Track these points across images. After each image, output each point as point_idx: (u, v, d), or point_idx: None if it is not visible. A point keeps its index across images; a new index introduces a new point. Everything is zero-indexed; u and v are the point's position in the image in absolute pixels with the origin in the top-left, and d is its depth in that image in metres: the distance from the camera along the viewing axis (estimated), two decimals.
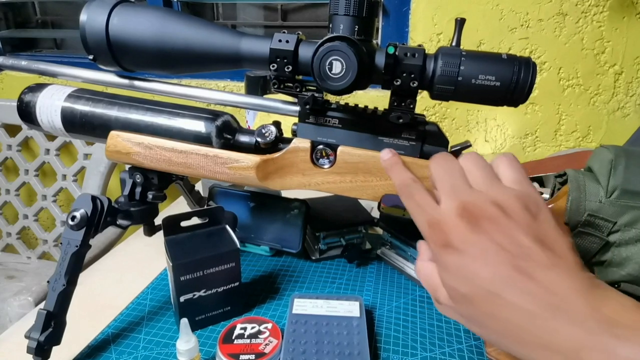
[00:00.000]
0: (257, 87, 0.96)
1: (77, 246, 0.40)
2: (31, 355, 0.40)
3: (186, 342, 0.39)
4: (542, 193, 0.73)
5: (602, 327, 0.24)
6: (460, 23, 0.36)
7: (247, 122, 0.89)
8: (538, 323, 0.24)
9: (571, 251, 0.27)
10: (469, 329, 0.29)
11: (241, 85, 1.07)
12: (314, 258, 0.61)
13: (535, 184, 0.83)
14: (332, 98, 0.43)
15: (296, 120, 0.43)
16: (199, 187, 0.77)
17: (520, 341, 0.25)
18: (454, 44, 0.36)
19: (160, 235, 0.50)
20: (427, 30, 0.93)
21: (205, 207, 0.61)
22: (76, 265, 0.41)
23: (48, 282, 0.40)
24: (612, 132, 0.92)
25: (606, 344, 0.23)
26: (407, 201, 0.32)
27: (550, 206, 0.40)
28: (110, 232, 1.04)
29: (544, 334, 0.24)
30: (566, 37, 0.88)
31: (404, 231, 0.57)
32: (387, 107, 0.40)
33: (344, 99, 0.42)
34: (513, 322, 0.25)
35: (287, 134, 0.45)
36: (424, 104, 0.98)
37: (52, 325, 0.40)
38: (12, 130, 1.23)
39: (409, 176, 0.34)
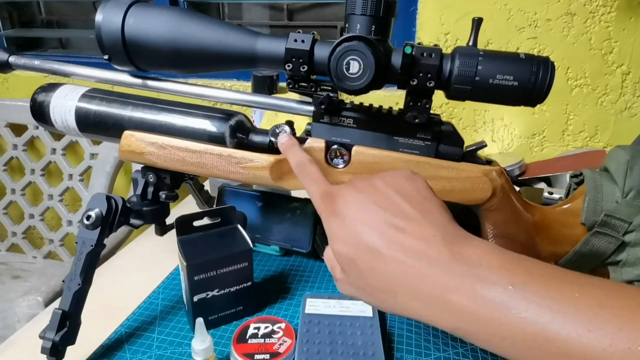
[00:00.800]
0: (264, 87, 0.96)
1: (92, 245, 0.40)
2: (45, 356, 0.40)
3: (202, 341, 0.39)
4: (552, 193, 0.73)
5: (463, 268, 0.25)
6: (477, 23, 0.36)
7: (253, 121, 0.89)
8: (409, 272, 0.26)
9: (439, 207, 0.29)
10: (360, 299, 0.30)
11: (247, 85, 1.07)
12: (324, 258, 0.60)
13: (543, 184, 0.82)
14: (346, 98, 0.43)
15: (308, 119, 0.43)
16: (207, 186, 0.77)
17: (397, 294, 0.27)
18: (470, 43, 0.36)
19: (169, 235, 0.50)
20: (434, 30, 0.93)
21: (215, 206, 0.61)
22: (91, 264, 0.41)
23: (63, 281, 0.40)
24: (619, 132, 0.92)
25: (469, 285, 0.24)
26: (304, 178, 0.35)
27: (565, 206, 0.40)
28: (118, 231, 1.03)
29: (414, 281, 0.26)
30: (574, 37, 0.87)
31: None
32: (395, 106, 0.40)
33: (357, 99, 0.42)
34: (390, 275, 0.27)
35: (299, 133, 0.45)
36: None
37: (67, 324, 0.40)
38: (17, 129, 1.23)
39: (305, 156, 0.36)
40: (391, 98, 0.99)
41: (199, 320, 0.39)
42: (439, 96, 0.39)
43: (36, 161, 1.23)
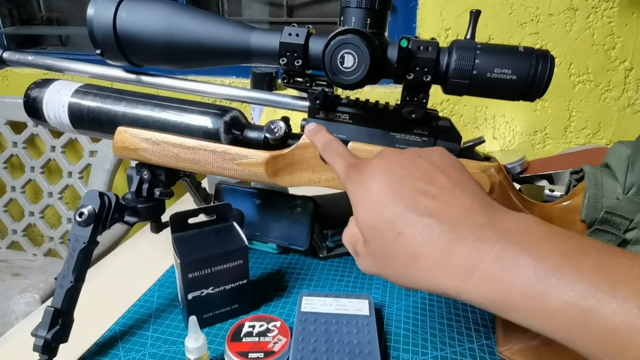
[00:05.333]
0: (262, 84, 0.95)
1: (85, 243, 0.40)
2: (38, 353, 0.39)
3: (195, 339, 0.38)
4: (553, 190, 0.72)
5: (502, 238, 0.23)
6: (475, 15, 0.35)
7: (252, 118, 0.88)
8: (441, 238, 0.24)
9: (474, 180, 0.28)
10: (381, 276, 0.28)
11: (247, 82, 1.07)
12: (321, 256, 0.60)
13: (545, 181, 0.82)
14: (342, 93, 0.42)
15: (305, 115, 0.42)
16: (204, 184, 0.76)
17: (425, 264, 0.25)
18: (468, 36, 0.36)
19: (166, 233, 0.49)
20: (435, 25, 0.92)
21: (212, 204, 0.60)
22: (84, 262, 0.40)
23: (55, 279, 0.40)
24: (622, 128, 0.91)
25: (508, 255, 0.23)
26: (330, 155, 0.34)
27: (565, 203, 0.40)
28: (115, 229, 1.03)
29: (446, 249, 0.24)
30: (577, 33, 0.86)
31: None
32: (397, 102, 0.39)
33: (354, 94, 0.42)
34: (418, 242, 0.25)
35: (295, 129, 0.45)
36: (432, 101, 0.97)
37: (60, 322, 0.39)
38: (17, 127, 1.23)
39: (332, 137, 0.36)
40: (392, 95, 0.98)
41: (192, 319, 0.38)
42: (440, 93, 0.38)
43: (36, 159, 1.23)
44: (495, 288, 0.23)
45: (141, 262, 0.60)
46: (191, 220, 0.48)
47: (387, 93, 0.98)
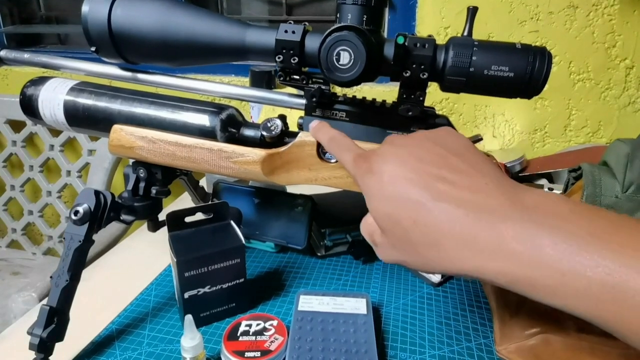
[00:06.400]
0: (261, 82, 0.95)
1: (80, 241, 0.40)
2: (34, 352, 0.39)
3: (191, 339, 0.38)
4: (552, 189, 0.72)
5: (524, 216, 0.23)
6: (472, 12, 0.35)
7: (251, 117, 0.88)
8: (461, 221, 0.24)
9: (488, 161, 0.27)
10: (402, 263, 0.28)
11: (246, 81, 1.06)
12: (319, 254, 0.60)
13: (544, 180, 0.81)
14: (339, 91, 0.42)
15: (302, 113, 0.42)
16: (203, 182, 0.76)
17: (447, 247, 0.25)
18: (465, 33, 0.35)
19: (164, 231, 0.49)
20: (434, 23, 0.91)
21: (210, 202, 0.60)
22: (79, 260, 0.40)
23: (51, 277, 0.40)
24: (623, 127, 0.91)
25: (529, 233, 0.22)
26: (336, 150, 0.34)
27: None
28: (113, 228, 1.03)
29: (467, 231, 0.24)
30: (577, 31, 0.86)
31: None
32: (394, 100, 0.39)
33: (352, 92, 0.41)
34: (437, 226, 0.25)
35: (292, 127, 0.44)
36: (431, 99, 0.97)
37: (55, 321, 0.39)
38: (16, 126, 1.23)
39: (337, 132, 0.36)
40: (389, 93, 0.98)
41: (188, 317, 0.38)
42: (439, 92, 0.38)
43: (35, 157, 1.23)
44: (518, 267, 0.22)
45: (138, 261, 0.59)
46: (188, 219, 0.48)
47: (385, 92, 0.97)
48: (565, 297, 0.22)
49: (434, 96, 0.96)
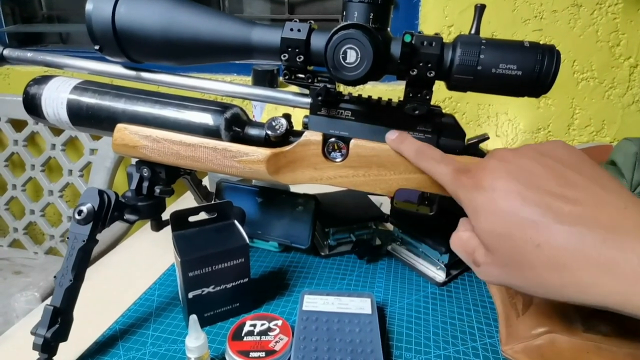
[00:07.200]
0: (264, 81, 0.94)
1: (84, 241, 0.39)
2: (37, 352, 0.39)
3: (195, 338, 0.38)
4: None
5: None
6: (480, 10, 0.35)
7: (254, 116, 0.88)
8: (594, 245, 0.22)
9: (610, 176, 0.25)
10: (510, 285, 0.26)
11: (248, 79, 1.06)
12: (323, 254, 0.59)
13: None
14: (344, 89, 0.42)
15: (307, 112, 0.42)
16: (206, 182, 0.76)
17: (572, 270, 0.23)
18: (473, 31, 0.35)
19: (167, 231, 0.49)
20: (437, 22, 0.91)
21: (213, 202, 0.60)
22: (83, 260, 0.40)
23: (55, 277, 0.40)
24: (626, 126, 0.90)
25: None
26: (427, 163, 0.33)
27: None
28: (116, 227, 1.03)
29: (603, 255, 0.22)
30: (581, 29, 0.86)
31: (415, 227, 0.56)
32: (400, 99, 0.38)
33: (356, 91, 0.41)
34: (564, 250, 0.23)
35: (297, 126, 0.44)
36: (434, 98, 0.96)
37: (59, 321, 0.39)
38: (18, 125, 1.23)
39: (423, 143, 0.35)
40: (394, 92, 0.97)
41: (193, 317, 0.38)
42: (442, 90, 0.38)
43: (36, 157, 1.23)
44: None
45: (142, 261, 0.59)
46: (192, 219, 0.48)
47: (390, 90, 0.97)
48: None
49: (437, 95, 0.95)
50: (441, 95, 0.96)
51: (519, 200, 0.25)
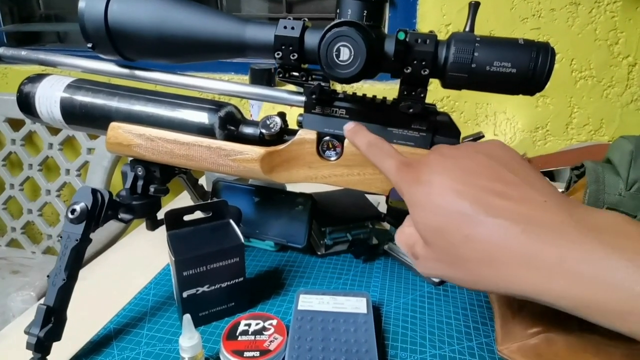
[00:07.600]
0: (261, 80, 0.94)
1: (77, 240, 0.39)
2: (31, 352, 0.39)
3: (189, 338, 0.38)
4: None
5: (589, 235, 0.22)
6: (474, 7, 0.34)
7: (251, 115, 0.87)
8: (520, 238, 0.23)
9: (541, 176, 0.26)
10: (447, 279, 0.27)
11: (245, 79, 1.06)
12: (319, 253, 0.59)
13: (546, 179, 0.81)
14: (339, 88, 0.41)
15: (302, 111, 0.41)
16: (202, 181, 0.75)
17: (501, 264, 0.24)
18: (467, 29, 0.35)
19: (163, 230, 0.48)
20: (435, 21, 0.91)
21: (209, 201, 0.60)
22: (76, 259, 0.40)
23: (48, 276, 0.39)
24: (625, 125, 0.90)
25: (598, 254, 0.21)
26: (376, 155, 0.33)
27: None
28: (112, 227, 1.03)
29: (528, 248, 0.23)
30: (579, 28, 0.85)
31: None
32: (395, 97, 0.38)
33: (350, 89, 0.41)
34: (492, 243, 0.24)
35: (292, 125, 0.44)
36: (432, 97, 0.96)
37: (52, 320, 0.39)
38: (15, 124, 1.23)
39: (375, 136, 0.35)
40: (392, 92, 0.97)
41: (186, 317, 0.38)
42: (440, 90, 0.37)
43: (34, 156, 1.23)
44: (585, 290, 0.21)
45: (137, 260, 0.59)
46: (187, 218, 0.48)
47: (388, 89, 0.97)
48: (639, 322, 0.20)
49: (435, 94, 0.95)
50: (439, 94, 0.96)
51: (452, 195, 0.25)
